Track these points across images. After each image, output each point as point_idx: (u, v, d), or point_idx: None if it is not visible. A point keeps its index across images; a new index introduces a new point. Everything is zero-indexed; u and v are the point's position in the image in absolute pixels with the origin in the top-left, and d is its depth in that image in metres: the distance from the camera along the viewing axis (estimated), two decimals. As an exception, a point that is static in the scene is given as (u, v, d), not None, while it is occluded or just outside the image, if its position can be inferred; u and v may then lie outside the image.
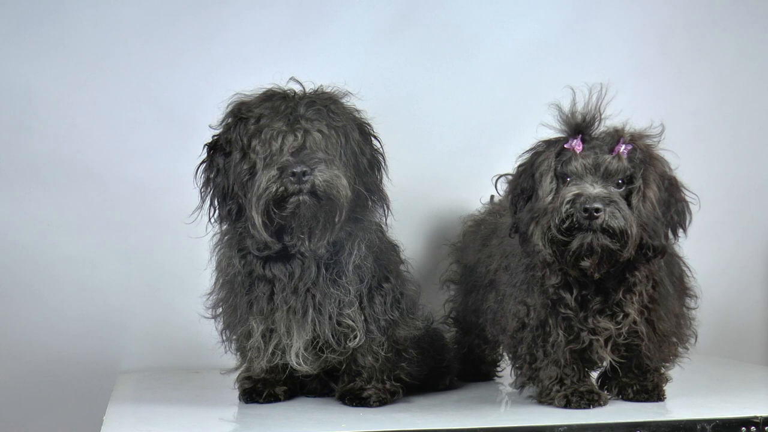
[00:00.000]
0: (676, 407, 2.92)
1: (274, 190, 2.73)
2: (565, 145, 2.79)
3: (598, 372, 3.04)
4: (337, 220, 2.79)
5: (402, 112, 3.82)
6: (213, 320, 3.03)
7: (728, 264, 4.08)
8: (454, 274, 3.52)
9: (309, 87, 2.89)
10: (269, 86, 2.89)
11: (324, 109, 2.82)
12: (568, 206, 2.70)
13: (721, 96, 4.08)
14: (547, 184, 2.77)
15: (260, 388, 3.03)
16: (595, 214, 2.68)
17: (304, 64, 3.71)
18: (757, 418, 2.71)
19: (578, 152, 2.77)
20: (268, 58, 3.73)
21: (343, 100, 2.91)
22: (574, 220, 2.70)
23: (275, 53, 3.74)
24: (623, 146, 2.77)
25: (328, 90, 2.90)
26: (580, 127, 2.80)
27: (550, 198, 2.75)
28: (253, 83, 2.92)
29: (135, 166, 3.68)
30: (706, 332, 3.21)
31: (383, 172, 2.95)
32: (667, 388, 3.00)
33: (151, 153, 3.68)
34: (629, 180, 2.77)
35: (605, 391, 2.98)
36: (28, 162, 3.65)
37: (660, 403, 2.95)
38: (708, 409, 2.85)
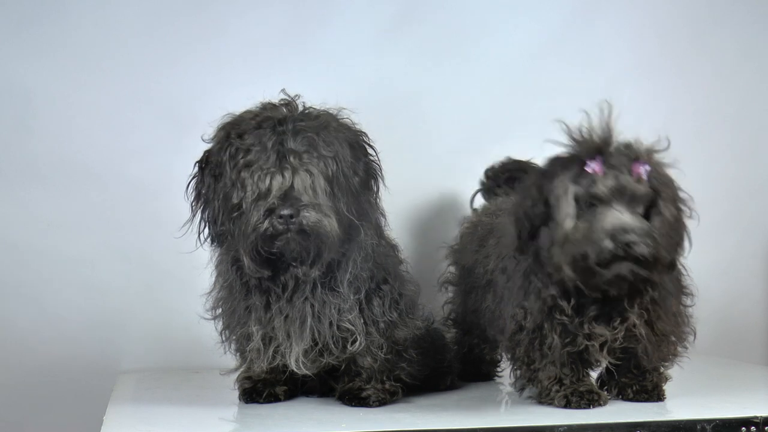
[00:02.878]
0: (676, 407, 2.92)
1: (262, 230, 2.74)
2: (586, 168, 2.73)
3: (598, 372, 3.04)
4: (326, 255, 2.80)
5: (402, 112, 3.82)
6: (212, 321, 3.03)
7: (728, 264, 4.08)
8: (452, 275, 3.52)
9: (301, 101, 2.86)
10: (261, 102, 2.86)
11: (314, 138, 2.80)
12: (608, 242, 2.68)
13: (721, 96, 4.08)
14: (566, 209, 2.72)
15: (260, 388, 3.03)
16: (633, 246, 2.68)
17: (304, 63, 3.73)
18: (757, 418, 2.71)
19: (600, 175, 2.73)
20: (268, 57, 3.73)
21: (337, 116, 2.88)
22: (614, 253, 2.69)
23: (276, 53, 3.75)
24: (642, 167, 2.73)
25: (319, 110, 2.86)
26: (599, 148, 2.75)
27: (572, 223, 2.72)
28: (253, 83, 2.92)
29: (135, 166, 3.69)
30: (706, 332, 3.21)
31: (379, 182, 2.94)
32: (667, 388, 3.00)
33: (151, 153, 3.68)
34: (649, 201, 2.75)
35: (605, 391, 2.98)
36: (28, 162, 3.65)
37: (660, 403, 2.95)
38: (708, 409, 2.85)
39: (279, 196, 2.75)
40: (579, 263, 2.71)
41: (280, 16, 3.77)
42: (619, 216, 2.70)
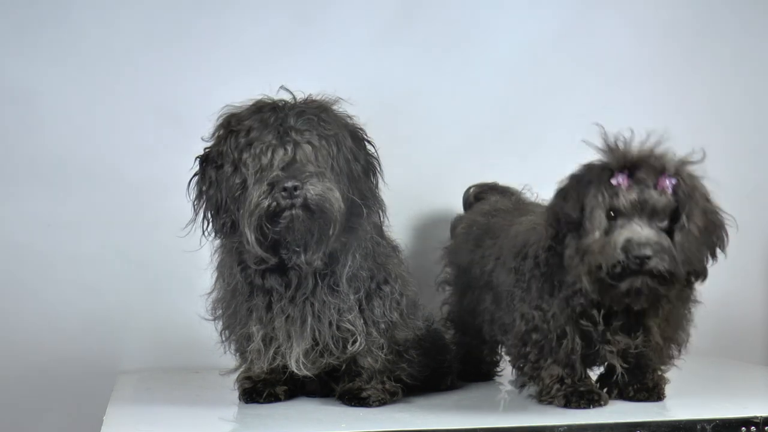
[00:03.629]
0: (676, 407, 2.92)
1: (265, 205, 2.72)
2: (612, 181, 2.73)
3: (598, 372, 3.04)
4: (331, 232, 2.78)
5: (402, 111, 3.82)
6: (213, 321, 3.03)
7: (728, 264, 4.06)
8: (448, 275, 3.52)
9: (299, 96, 2.87)
10: (259, 97, 2.87)
11: (314, 119, 2.80)
12: (621, 254, 2.67)
13: (721, 96, 4.08)
14: (597, 221, 2.71)
15: (260, 388, 3.03)
16: (647, 261, 2.67)
17: (303, 63, 3.73)
18: (757, 418, 2.71)
19: (625, 189, 2.72)
20: (268, 57, 3.73)
21: (335, 107, 2.89)
22: (625, 265, 2.68)
23: (275, 53, 3.74)
24: (668, 180, 2.73)
25: (318, 98, 2.88)
26: (628, 162, 2.73)
27: (598, 235, 2.71)
28: (254, 83, 2.92)
29: (135, 166, 3.68)
30: (706, 332, 3.21)
31: (378, 176, 2.94)
32: (667, 388, 3.00)
33: (151, 153, 3.68)
34: (673, 214, 2.73)
35: (605, 391, 2.98)
36: (28, 162, 3.65)
37: (660, 403, 2.95)
38: (708, 409, 2.85)
39: (282, 168, 2.74)
40: (594, 275, 2.71)
41: (280, 15, 3.77)
42: (636, 229, 2.69)
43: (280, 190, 2.72)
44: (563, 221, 2.78)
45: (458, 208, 3.69)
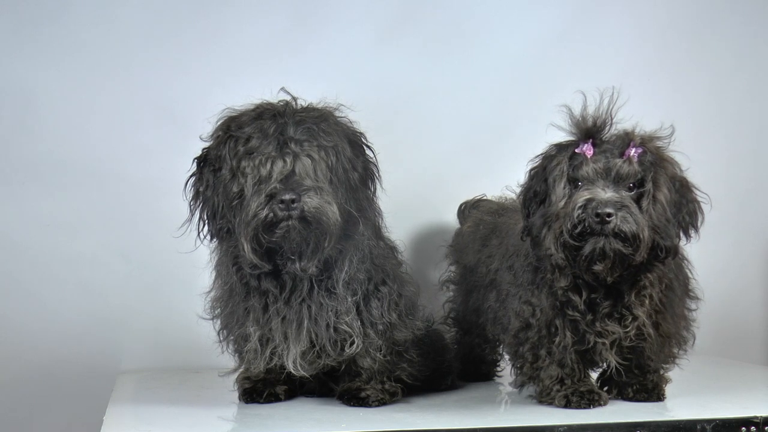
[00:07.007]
0: (676, 407, 2.92)
1: (263, 216, 2.73)
2: (576, 150, 2.78)
3: (598, 372, 3.04)
4: (326, 244, 2.79)
5: (402, 112, 3.82)
6: (212, 320, 3.03)
7: (728, 264, 4.08)
8: (453, 274, 3.52)
9: (300, 101, 2.87)
10: (260, 101, 2.87)
11: (314, 128, 2.80)
12: (579, 211, 2.70)
13: (721, 96, 4.08)
14: (560, 189, 2.76)
15: (260, 388, 3.03)
16: (606, 218, 2.68)
17: (304, 64, 3.73)
18: (757, 418, 2.71)
19: (589, 157, 2.76)
20: (268, 58, 3.73)
21: (336, 113, 2.89)
22: (586, 225, 2.70)
23: (276, 53, 3.75)
24: (633, 149, 2.76)
25: (319, 106, 2.88)
26: (590, 131, 2.80)
27: (562, 203, 2.75)
28: (253, 83, 2.92)
29: (135, 166, 3.69)
30: (706, 332, 3.21)
31: (377, 182, 2.94)
32: (667, 388, 3.01)
33: (151, 153, 3.69)
34: (640, 183, 2.76)
35: (605, 391, 2.98)
36: (28, 162, 3.65)
37: (660, 403, 2.95)
38: (708, 409, 2.85)
39: (280, 180, 2.75)
40: (560, 239, 2.73)
41: (280, 16, 3.77)
42: (598, 191, 2.73)
43: (278, 202, 2.73)
44: (532, 198, 2.83)
45: (458, 207, 3.70)
